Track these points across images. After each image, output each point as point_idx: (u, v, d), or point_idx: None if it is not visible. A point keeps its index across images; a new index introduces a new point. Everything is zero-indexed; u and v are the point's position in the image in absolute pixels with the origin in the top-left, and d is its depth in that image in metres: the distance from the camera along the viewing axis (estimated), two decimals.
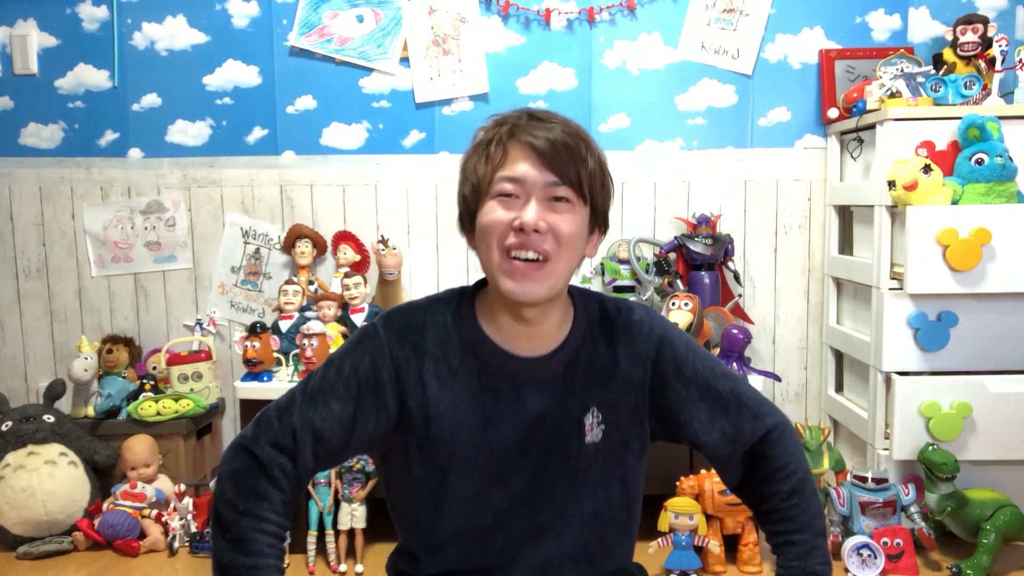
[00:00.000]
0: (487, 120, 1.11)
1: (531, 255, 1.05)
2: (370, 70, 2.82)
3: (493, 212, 1.06)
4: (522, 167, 1.05)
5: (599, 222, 1.13)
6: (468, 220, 1.11)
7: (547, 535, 1.13)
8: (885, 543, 2.14)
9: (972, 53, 2.44)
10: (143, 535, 2.41)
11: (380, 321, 1.14)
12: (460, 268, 2.87)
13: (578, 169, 1.06)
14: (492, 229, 1.06)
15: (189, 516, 2.43)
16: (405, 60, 2.80)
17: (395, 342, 1.11)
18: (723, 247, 2.67)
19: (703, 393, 1.16)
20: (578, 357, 1.14)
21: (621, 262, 2.74)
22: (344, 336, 2.54)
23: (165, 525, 2.43)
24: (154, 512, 2.43)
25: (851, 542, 2.15)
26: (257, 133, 2.85)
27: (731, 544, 2.26)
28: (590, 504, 1.15)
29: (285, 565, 2.26)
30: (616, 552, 1.20)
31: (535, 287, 1.05)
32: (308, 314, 2.62)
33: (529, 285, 1.05)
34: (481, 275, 1.14)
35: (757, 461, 1.17)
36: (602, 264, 2.78)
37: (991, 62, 2.42)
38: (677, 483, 2.24)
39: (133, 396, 2.65)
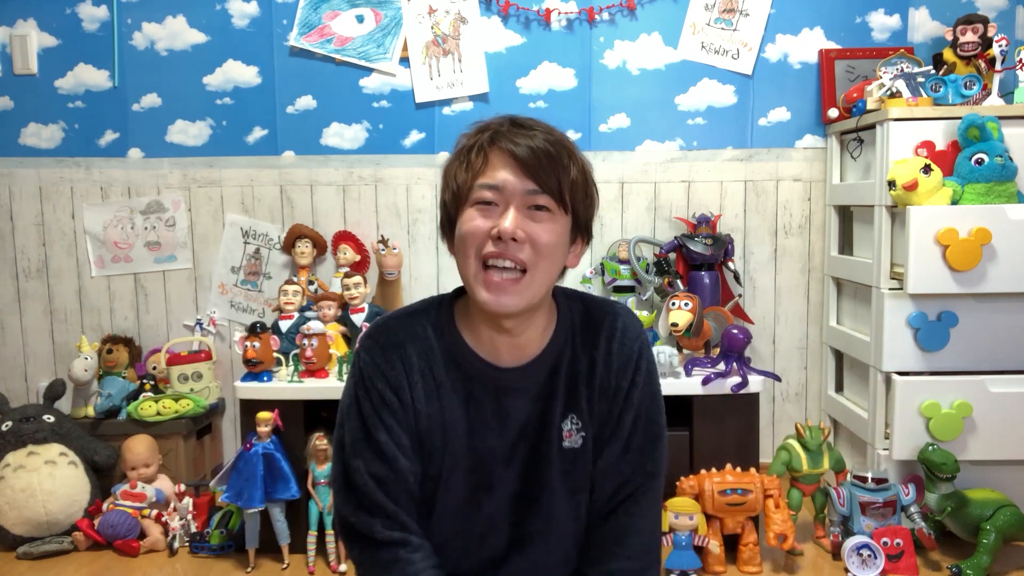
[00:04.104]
0: (470, 126, 1.10)
1: (508, 264, 1.03)
2: (370, 70, 2.82)
3: (472, 220, 1.04)
4: (502, 175, 1.03)
5: (582, 232, 1.11)
6: (449, 227, 1.11)
7: (535, 543, 1.15)
8: (885, 543, 2.14)
9: (972, 53, 2.44)
10: (143, 535, 2.40)
11: (362, 346, 1.14)
12: None
13: (559, 178, 1.04)
14: (471, 237, 1.04)
15: (189, 516, 2.43)
16: (405, 60, 2.80)
17: (383, 362, 1.11)
18: (723, 247, 2.67)
19: (636, 423, 1.16)
20: (559, 364, 1.14)
21: (621, 262, 2.74)
22: (344, 336, 2.54)
23: (165, 525, 2.43)
24: (154, 512, 2.43)
25: (851, 542, 2.14)
26: (257, 133, 2.85)
27: (731, 544, 2.26)
28: (572, 508, 1.16)
29: (285, 565, 2.26)
30: None
31: (511, 299, 1.04)
32: (308, 314, 2.62)
33: (504, 297, 1.04)
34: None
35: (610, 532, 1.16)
36: (602, 264, 2.78)
37: (991, 62, 2.42)
38: (677, 483, 2.23)
39: (133, 396, 2.65)
